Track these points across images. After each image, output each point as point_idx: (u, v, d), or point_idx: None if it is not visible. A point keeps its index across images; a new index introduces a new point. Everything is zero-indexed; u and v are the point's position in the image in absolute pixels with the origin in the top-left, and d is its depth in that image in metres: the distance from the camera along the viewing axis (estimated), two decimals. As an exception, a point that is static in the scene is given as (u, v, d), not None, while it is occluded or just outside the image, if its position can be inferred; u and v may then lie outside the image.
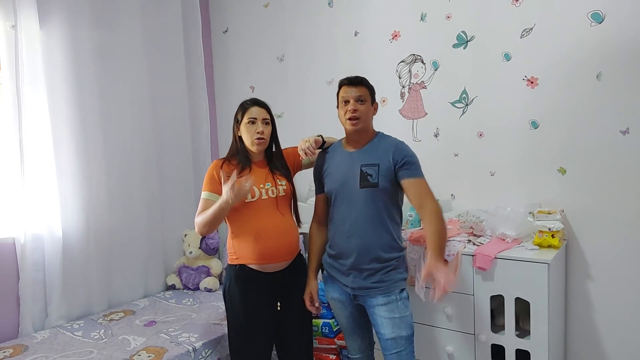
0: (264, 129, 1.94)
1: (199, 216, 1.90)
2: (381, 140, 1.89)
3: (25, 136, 2.40)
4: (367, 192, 1.80)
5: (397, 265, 1.84)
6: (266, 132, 1.96)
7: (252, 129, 1.93)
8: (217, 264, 3.06)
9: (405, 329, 1.80)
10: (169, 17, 3.13)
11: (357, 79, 1.86)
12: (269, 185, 1.95)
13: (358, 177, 1.82)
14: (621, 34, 2.08)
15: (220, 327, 2.34)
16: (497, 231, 2.18)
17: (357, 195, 1.82)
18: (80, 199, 2.61)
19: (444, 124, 2.60)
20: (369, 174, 1.81)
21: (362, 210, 1.81)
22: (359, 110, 1.82)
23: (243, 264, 1.94)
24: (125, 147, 2.85)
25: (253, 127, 1.93)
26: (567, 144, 2.25)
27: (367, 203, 1.80)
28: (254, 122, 1.94)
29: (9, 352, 2.14)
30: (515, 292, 1.95)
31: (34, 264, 2.44)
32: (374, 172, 1.80)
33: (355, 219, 1.82)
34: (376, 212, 1.80)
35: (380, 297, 1.81)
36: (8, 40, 2.35)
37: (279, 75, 3.23)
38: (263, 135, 1.94)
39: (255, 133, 1.93)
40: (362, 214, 1.81)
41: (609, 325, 2.21)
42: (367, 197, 1.80)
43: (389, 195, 1.82)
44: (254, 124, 1.94)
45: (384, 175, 1.79)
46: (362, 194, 1.81)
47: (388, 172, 1.79)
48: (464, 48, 2.50)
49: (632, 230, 2.13)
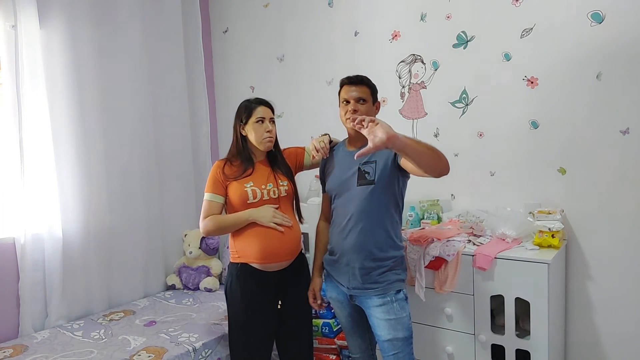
0: (272, 128, 1.97)
1: (210, 219, 1.95)
2: None
3: (25, 136, 2.40)
4: (364, 190, 1.80)
5: (394, 266, 1.83)
6: (274, 131, 1.99)
7: (261, 128, 1.95)
8: (217, 264, 3.06)
9: (401, 331, 1.79)
10: (169, 17, 3.13)
11: (358, 78, 1.85)
12: (270, 185, 1.96)
13: (356, 175, 1.82)
14: (621, 34, 2.08)
15: (220, 327, 2.34)
16: (497, 231, 2.18)
17: (355, 193, 1.82)
18: (80, 199, 2.61)
19: (444, 124, 2.60)
20: (367, 172, 1.80)
21: (359, 208, 1.80)
22: (359, 110, 1.81)
23: (245, 262, 1.94)
24: (125, 147, 2.85)
25: (262, 126, 1.95)
26: (567, 144, 2.25)
27: (364, 201, 1.79)
28: (263, 121, 1.95)
29: (9, 352, 2.14)
30: (515, 292, 1.95)
31: (34, 264, 2.44)
32: (372, 169, 1.80)
33: (352, 217, 1.82)
34: (373, 210, 1.80)
35: (376, 299, 1.80)
36: (8, 40, 2.35)
37: (279, 75, 3.23)
38: (272, 134, 1.97)
39: (264, 132, 1.94)
40: (359, 212, 1.80)
41: (609, 325, 2.21)
42: (364, 194, 1.80)
43: (387, 193, 1.81)
44: (262, 124, 1.95)
45: (382, 171, 1.78)
46: (360, 191, 1.80)
47: (386, 166, 1.78)
48: (464, 48, 2.50)
49: (632, 230, 2.13)
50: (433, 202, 2.58)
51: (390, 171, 1.78)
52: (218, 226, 1.95)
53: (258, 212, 1.92)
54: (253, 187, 1.93)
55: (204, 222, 1.96)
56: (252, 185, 1.93)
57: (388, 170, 1.78)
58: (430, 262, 2.10)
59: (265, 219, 1.91)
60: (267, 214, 1.91)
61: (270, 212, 1.92)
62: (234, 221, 1.94)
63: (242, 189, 1.93)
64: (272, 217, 1.91)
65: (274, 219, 1.91)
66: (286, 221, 1.93)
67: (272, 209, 1.93)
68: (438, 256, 2.09)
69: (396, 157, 1.76)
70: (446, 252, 2.08)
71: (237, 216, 1.94)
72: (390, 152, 1.77)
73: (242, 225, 1.93)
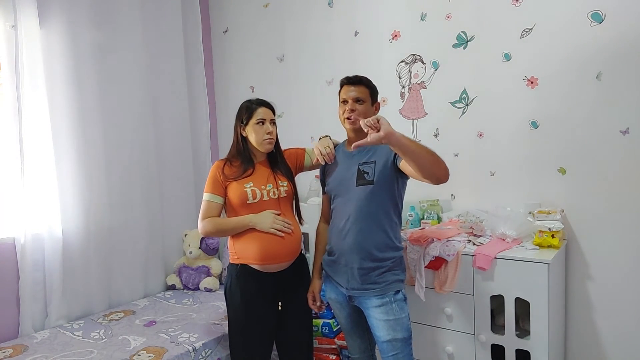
0: (272, 129, 1.97)
1: (209, 221, 1.95)
2: None
3: (25, 136, 2.40)
4: (363, 190, 1.79)
5: (393, 267, 1.83)
6: (274, 133, 1.98)
7: (262, 129, 1.94)
8: (217, 264, 3.06)
9: (400, 332, 1.79)
10: (169, 17, 3.13)
11: (357, 78, 1.85)
12: (270, 186, 1.96)
13: (355, 175, 1.82)
14: (621, 34, 2.08)
15: (220, 327, 2.34)
16: (497, 231, 2.18)
17: (354, 193, 1.81)
18: (80, 199, 2.61)
19: (444, 124, 2.60)
20: (366, 172, 1.80)
21: (358, 209, 1.80)
22: (357, 110, 1.82)
23: (244, 263, 1.94)
24: (125, 147, 2.85)
25: (262, 127, 1.95)
26: (567, 144, 2.25)
27: (363, 201, 1.79)
28: (263, 122, 1.95)
29: (9, 352, 2.14)
30: (515, 292, 1.95)
31: (34, 264, 2.44)
32: (371, 169, 1.80)
33: (350, 217, 1.81)
34: (372, 210, 1.80)
35: (375, 299, 1.80)
36: (8, 40, 2.35)
37: (279, 75, 3.23)
38: (272, 135, 1.96)
39: (265, 134, 1.94)
40: (358, 212, 1.80)
41: (609, 325, 2.21)
42: (363, 195, 1.79)
43: (386, 193, 1.80)
44: (263, 125, 1.95)
45: (380, 171, 1.78)
46: (358, 191, 1.80)
47: (385, 166, 1.77)
48: (464, 48, 2.50)
49: (632, 230, 2.13)
50: (433, 202, 2.58)
51: (390, 172, 1.78)
52: (217, 229, 1.96)
53: (258, 218, 1.91)
54: (253, 187, 1.93)
55: (202, 223, 1.96)
56: (251, 186, 1.93)
57: (387, 170, 1.78)
58: (430, 262, 2.10)
59: (265, 225, 1.90)
60: (267, 220, 1.90)
61: (271, 218, 1.91)
62: (234, 225, 1.94)
63: (241, 189, 1.92)
64: (272, 223, 1.90)
65: (274, 225, 1.90)
66: (287, 227, 1.92)
67: (272, 214, 1.92)
68: (438, 256, 2.09)
69: (395, 159, 1.76)
70: (446, 252, 2.08)
71: (237, 220, 1.94)
72: (389, 153, 1.77)
73: (241, 230, 1.93)
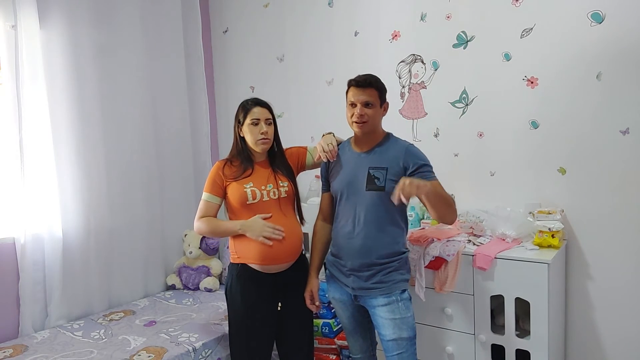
0: (267, 129, 1.94)
1: (204, 222, 1.96)
2: (391, 143, 1.86)
3: (25, 136, 2.40)
4: (372, 195, 1.79)
5: (399, 267, 1.83)
6: (269, 132, 1.96)
7: (256, 130, 1.93)
8: (217, 264, 3.06)
9: (406, 330, 1.79)
10: (169, 17, 3.13)
11: (367, 81, 1.79)
12: (270, 186, 1.95)
13: (365, 179, 1.81)
14: (621, 34, 2.08)
15: (220, 327, 2.34)
16: (497, 231, 2.18)
17: (363, 197, 1.80)
18: (80, 199, 2.61)
19: (444, 124, 2.60)
20: (377, 177, 1.79)
21: (366, 213, 1.79)
22: (366, 114, 1.79)
23: (245, 263, 1.94)
24: (126, 147, 2.85)
25: (256, 128, 1.94)
26: (567, 144, 2.25)
27: (372, 206, 1.79)
28: (257, 123, 1.94)
29: (9, 352, 2.14)
30: (515, 292, 1.95)
31: (34, 264, 2.44)
32: (382, 175, 1.78)
33: (358, 221, 1.81)
34: (380, 216, 1.79)
35: (381, 298, 1.80)
36: (8, 40, 2.35)
37: (279, 75, 3.23)
38: (267, 135, 1.94)
39: (259, 134, 1.93)
40: (366, 217, 1.80)
41: (609, 325, 2.21)
42: (372, 200, 1.79)
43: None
44: (257, 125, 1.94)
45: (391, 180, 1.76)
46: (368, 196, 1.79)
47: (397, 176, 1.75)
48: (464, 48, 2.50)
49: (632, 230, 2.13)
50: (433, 202, 2.57)
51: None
52: (211, 229, 1.97)
53: (248, 224, 1.90)
54: (253, 187, 1.93)
55: (198, 222, 1.97)
56: (251, 186, 1.93)
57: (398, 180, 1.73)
58: (430, 262, 2.10)
59: (255, 232, 1.88)
60: (257, 227, 1.88)
61: (260, 225, 1.88)
62: (226, 229, 1.96)
63: (241, 189, 1.92)
64: (261, 230, 1.87)
65: (264, 233, 1.87)
66: (277, 234, 1.88)
67: (262, 221, 1.90)
68: (438, 256, 2.09)
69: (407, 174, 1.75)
70: (446, 252, 2.08)
71: (229, 225, 1.95)
72: (399, 163, 1.77)
73: (233, 234, 1.95)
